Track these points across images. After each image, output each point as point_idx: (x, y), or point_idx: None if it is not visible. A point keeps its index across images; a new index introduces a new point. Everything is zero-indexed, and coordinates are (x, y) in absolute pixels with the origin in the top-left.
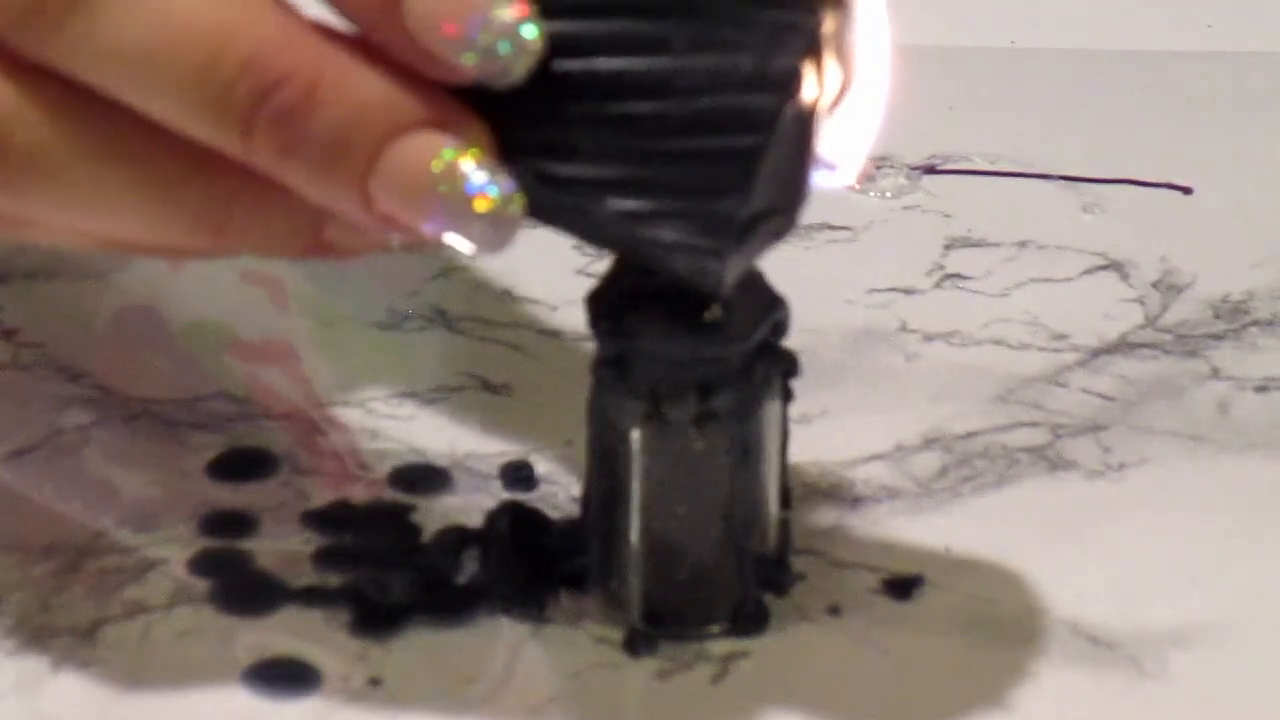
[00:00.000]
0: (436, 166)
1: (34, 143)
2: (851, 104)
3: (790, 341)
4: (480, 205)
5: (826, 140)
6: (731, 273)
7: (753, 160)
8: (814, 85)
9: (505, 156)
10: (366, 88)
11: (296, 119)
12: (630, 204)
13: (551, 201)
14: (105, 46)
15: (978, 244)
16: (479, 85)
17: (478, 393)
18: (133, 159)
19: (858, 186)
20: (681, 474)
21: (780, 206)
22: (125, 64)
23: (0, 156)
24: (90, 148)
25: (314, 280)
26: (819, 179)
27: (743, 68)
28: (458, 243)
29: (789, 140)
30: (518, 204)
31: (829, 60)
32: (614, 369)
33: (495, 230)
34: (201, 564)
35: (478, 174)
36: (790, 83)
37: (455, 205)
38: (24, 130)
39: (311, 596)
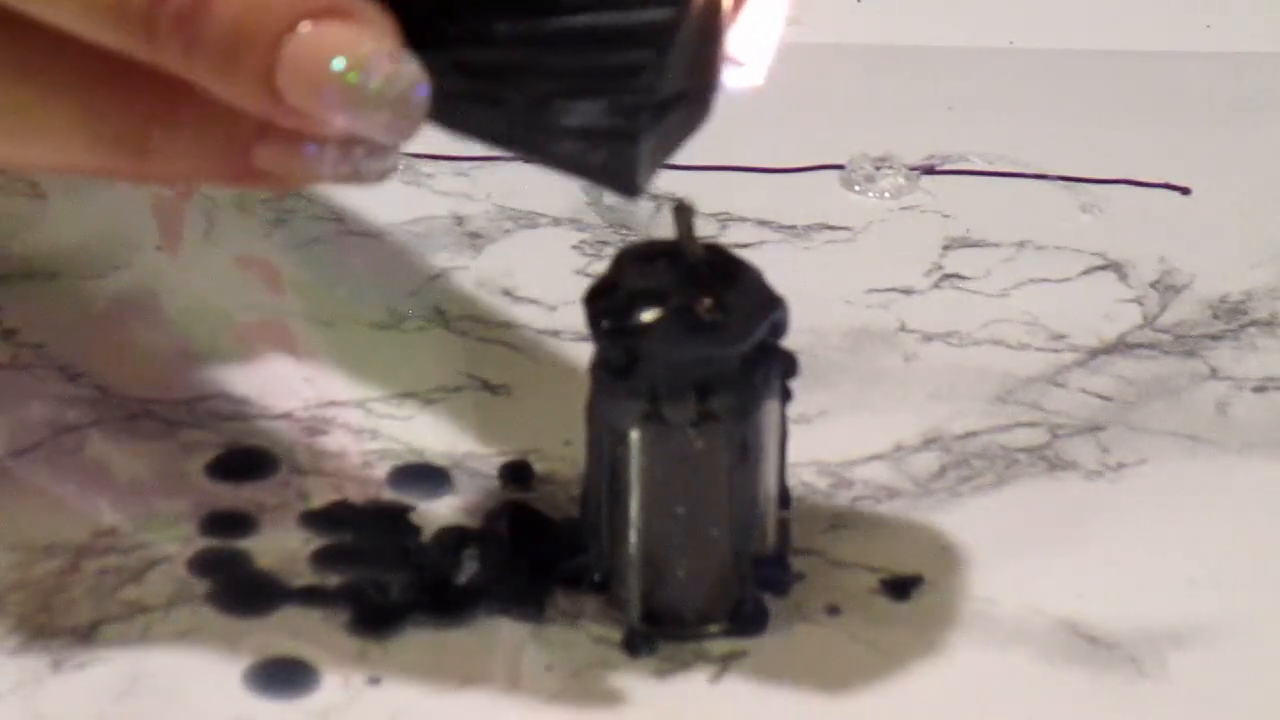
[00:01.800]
0: (339, 54)
1: None
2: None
3: (789, 342)
4: (386, 89)
5: (734, 38)
6: (646, 164)
7: (666, 36)
8: None
9: (421, 47)
10: None
11: (198, 14)
12: (543, 87)
13: (463, 92)
14: None
15: (976, 244)
16: None
17: (477, 393)
18: (46, 80)
19: (762, 83)
20: (680, 474)
21: (693, 92)
22: None
23: None
24: (2, 72)
25: (315, 280)
26: (730, 76)
27: None
28: (368, 130)
29: (701, 21)
30: (425, 86)
31: None
32: (613, 369)
33: (402, 116)
34: (201, 564)
35: (381, 59)
36: None
37: (360, 92)
38: None
39: (311, 596)
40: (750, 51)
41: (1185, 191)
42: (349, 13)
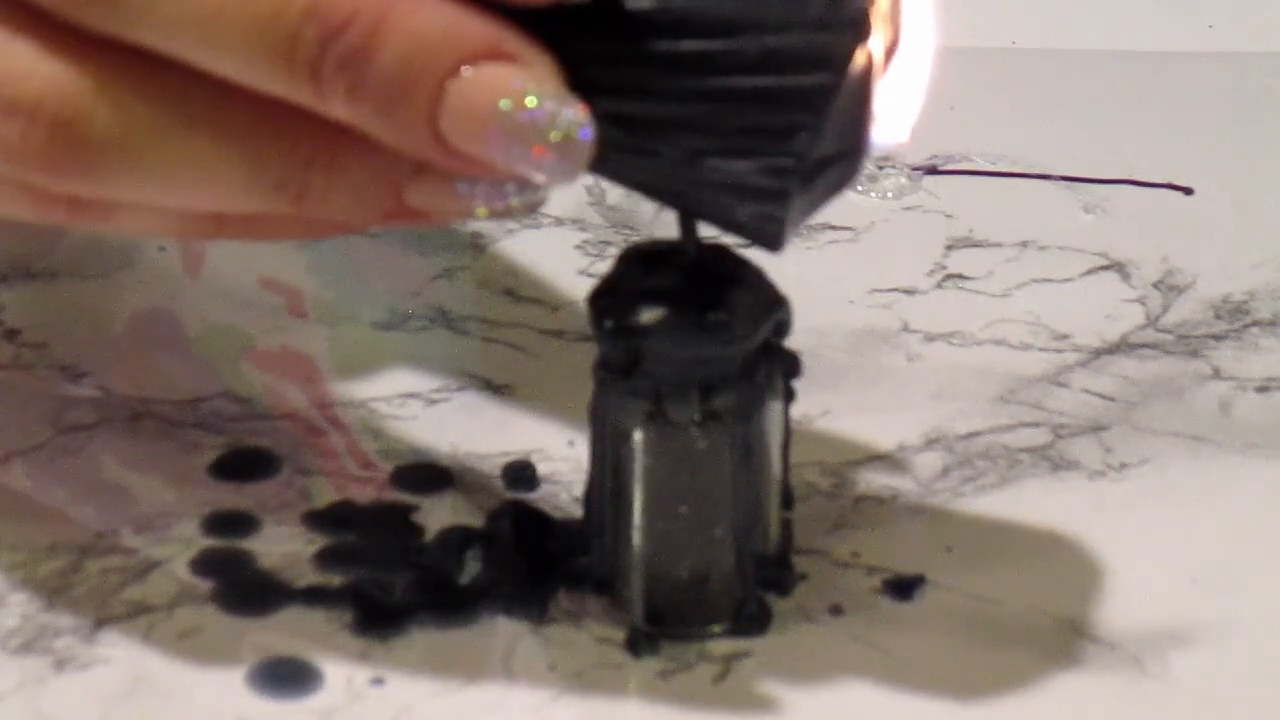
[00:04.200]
0: (504, 96)
1: (111, 124)
2: (902, 60)
3: (792, 342)
4: (551, 134)
5: (882, 96)
6: (793, 221)
7: (824, 99)
8: (879, 32)
9: (580, 93)
10: (430, 22)
11: (363, 59)
12: (697, 143)
13: (617, 143)
14: (169, 11)
15: (979, 244)
16: (548, 20)
17: (480, 393)
18: (210, 128)
19: (908, 142)
20: (683, 474)
21: (843, 153)
22: (190, 25)
23: (80, 143)
24: (167, 122)
25: (318, 280)
26: (877, 134)
27: (814, 7)
28: (531, 172)
29: (855, 85)
30: (589, 128)
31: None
32: (616, 369)
33: (566, 159)
34: (204, 564)
35: (546, 102)
36: (861, 23)
37: (525, 134)
38: (100, 113)
39: (314, 596)
40: (895, 109)
41: (1188, 191)
42: (512, 55)
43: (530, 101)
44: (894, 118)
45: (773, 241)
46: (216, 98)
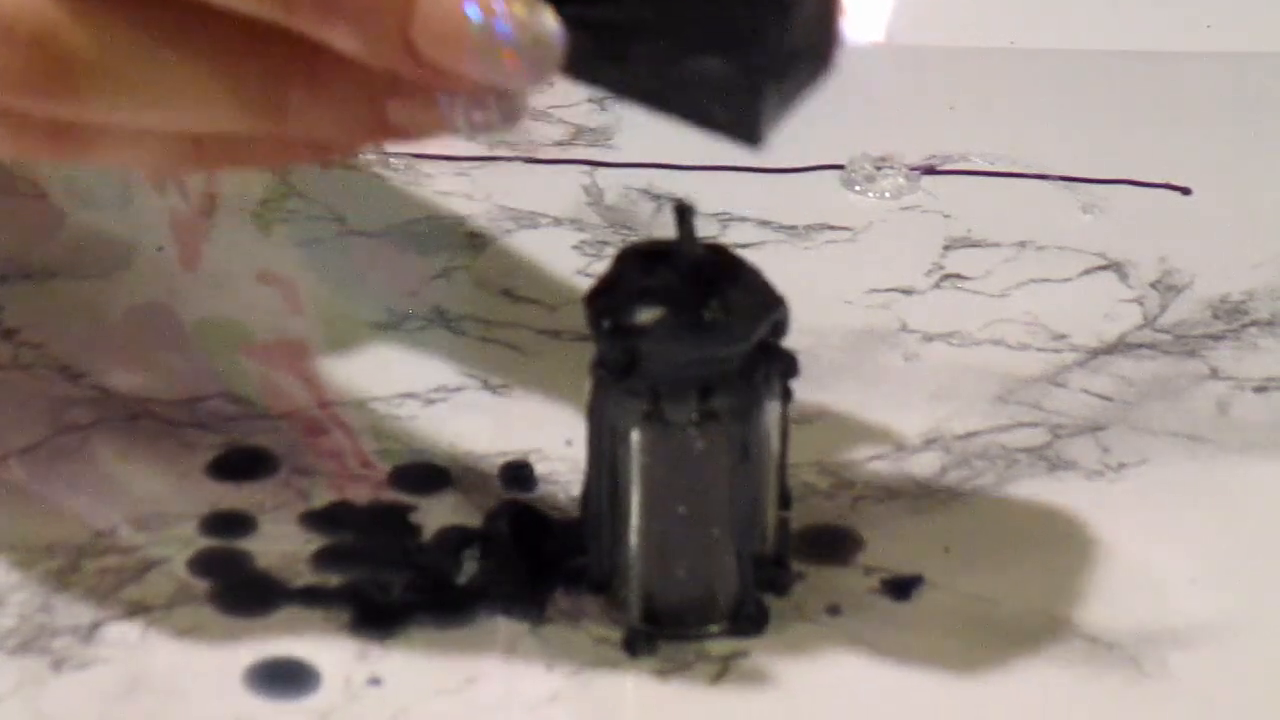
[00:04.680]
0: (473, 5)
1: (88, 41)
2: None
3: (790, 342)
4: (521, 39)
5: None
6: (769, 116)
7: None
8: None
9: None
10: None
11: None
12: (668, 45)
13: (589, 49)
14: None
15: (977, 244)
16: None
17: (478, 393)
18: (186, 45)
19: (884, 40)
20: (681, 474)
21: (815, 47)
22: None
23: (57, 60)
24: (144, 37)
25: (315, 280)
26: (850, 31)
27: None
28: (503, 79)
29: None
30: (558, 33)
31: None
32: (614, 369)
33: (537, 64)
34: (202, 564)
35: (515, 7)
36: None
37: (495, 42)
38: (77, 30)
39: (311, 596)
40: (865, 4)
41: (1186, 192)
42: None
43: (499, 8)
44: (865, 12)
45: (752, 137)
46: (193, 18)
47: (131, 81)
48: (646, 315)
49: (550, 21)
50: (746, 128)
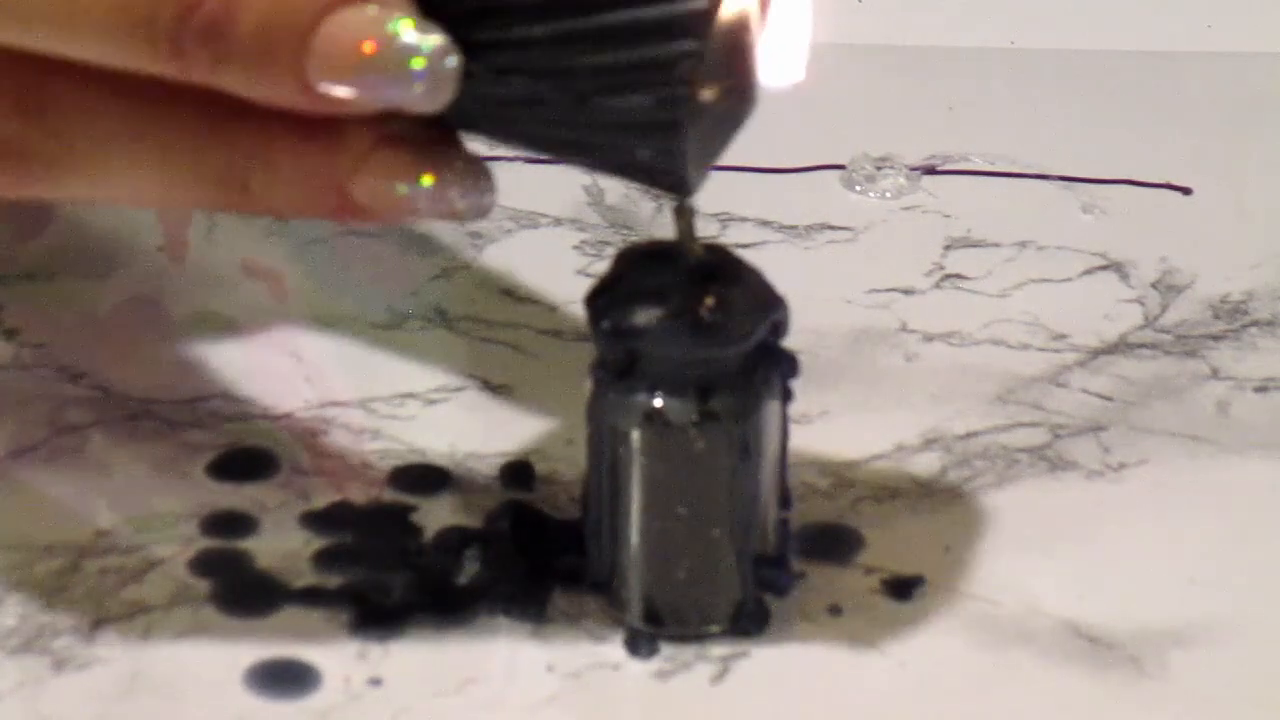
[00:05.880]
0: (364, 38)
1: (39, 135)
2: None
3: (790, 342)
4: (416, 62)
5: (769, 36)
6: (694, 161)
7: (703, 23)
8: None
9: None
10: None
11: (222, 28)
12: (583, 85)
13: (504, 98)
14: (25, 9)
15: (977, 244)
16: None
17: (478, 393)
18: (150, 133)
19: (803, 79)
20: (682, 474)
21: (734, 89)
22: (48, 17)
23: (14, 157)
24: (107, 132)
25: (316, 280)
26: (770, 75)
27: None
28: (404, 104)
29: (735, 16)
30: (453, 55)
31: None
32: (614, 369)
33: (434, 87)
34: (202, 564)
35: (408, 33)
36: None
37: (389, 69)
38: (25, 128)
39: (312, 597)
40: (785, 49)
41: (1186, 191)
42: None
43: (391, 35)
44: (785, 54)
45: (678, 182)
46: (153, 107)
47: (97, 169)
48: (646, 316)
49: (442, 41)
50: (672, 172)
